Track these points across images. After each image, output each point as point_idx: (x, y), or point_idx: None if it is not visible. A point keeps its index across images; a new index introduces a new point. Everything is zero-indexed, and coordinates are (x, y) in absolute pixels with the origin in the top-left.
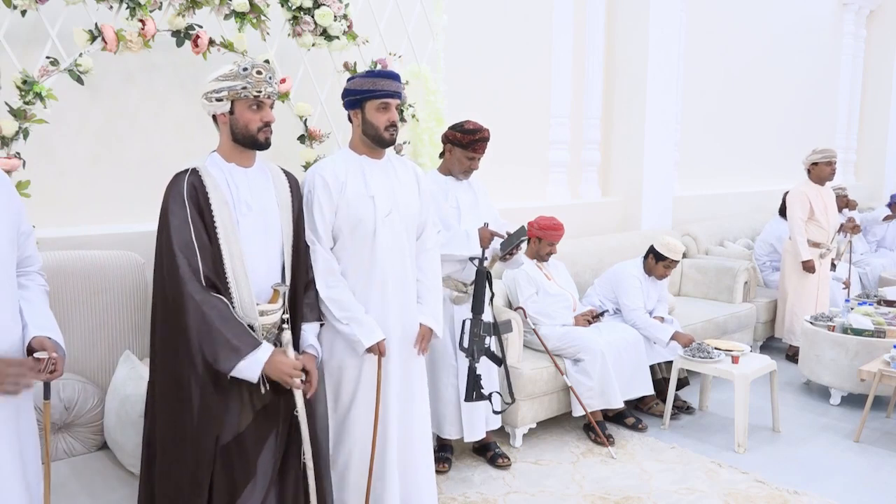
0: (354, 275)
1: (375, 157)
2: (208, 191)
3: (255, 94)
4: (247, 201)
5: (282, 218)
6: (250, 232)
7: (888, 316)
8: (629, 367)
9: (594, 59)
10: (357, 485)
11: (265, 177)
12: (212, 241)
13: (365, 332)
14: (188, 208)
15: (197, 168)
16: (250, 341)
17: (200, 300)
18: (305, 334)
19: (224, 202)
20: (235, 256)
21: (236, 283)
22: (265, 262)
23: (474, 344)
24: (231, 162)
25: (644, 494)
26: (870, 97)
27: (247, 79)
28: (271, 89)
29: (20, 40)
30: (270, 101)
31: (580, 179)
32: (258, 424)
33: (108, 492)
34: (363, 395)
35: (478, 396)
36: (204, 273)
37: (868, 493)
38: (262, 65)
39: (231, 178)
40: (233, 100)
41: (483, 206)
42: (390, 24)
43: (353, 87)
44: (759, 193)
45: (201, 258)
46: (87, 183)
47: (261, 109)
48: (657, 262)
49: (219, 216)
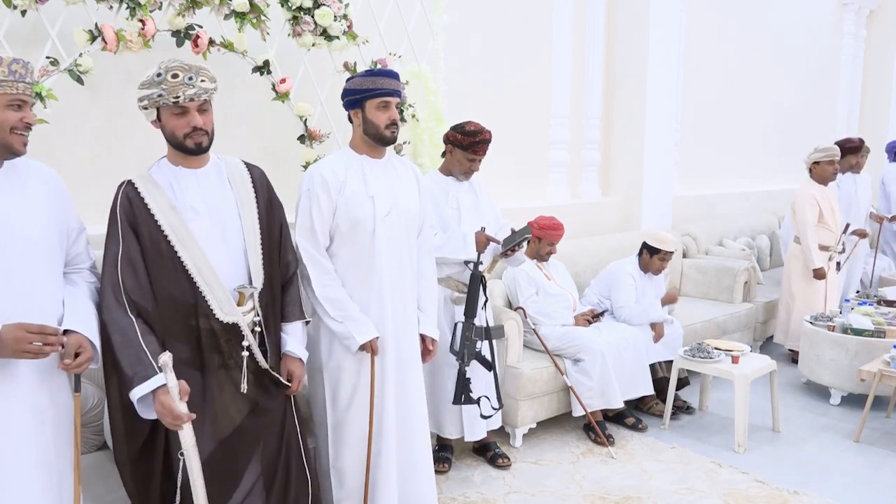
0: (354, 274)
1: (376, 157)
2: (147, 200)
3: (173, 101)
4: (192, 205)
5: (243, 217)
6: (203, 235)
7: (888, 316)
8: (629, 367)
9: (594, 59)
10: (355, 485)
11: (219, 176)
12: (163, 250)
13: (359, 329)
14: (119, 222)
15: (132, 179)
16: (140, 373)
17: (108, 320)
18: (287, 338)
19: (170, 207)
20: (198, 258)
21: (208, 286)
22: (228, 264)
23: (465, 348)
24: (178, 165)
25: (644, 494)
26: (870, 97)
27: (161, 85)
28: (193, 91)
29: (20, 40)
30: (196, 103)
31: (580, 179)
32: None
33: (108, 492)
34: (361, 396)
35: (466, 400)
36: (126, 289)
37: (868, 493)
38: (180, 66)
39: (176, 183)
40: (157, 107)
41: (484, 206)
42: (390, 24)
43: (352, 86)
44: (759, 193)
45: (123, 274)
46: (87, 183)
47: (186, 114)
48: (652, 257)
49: (166, 223)
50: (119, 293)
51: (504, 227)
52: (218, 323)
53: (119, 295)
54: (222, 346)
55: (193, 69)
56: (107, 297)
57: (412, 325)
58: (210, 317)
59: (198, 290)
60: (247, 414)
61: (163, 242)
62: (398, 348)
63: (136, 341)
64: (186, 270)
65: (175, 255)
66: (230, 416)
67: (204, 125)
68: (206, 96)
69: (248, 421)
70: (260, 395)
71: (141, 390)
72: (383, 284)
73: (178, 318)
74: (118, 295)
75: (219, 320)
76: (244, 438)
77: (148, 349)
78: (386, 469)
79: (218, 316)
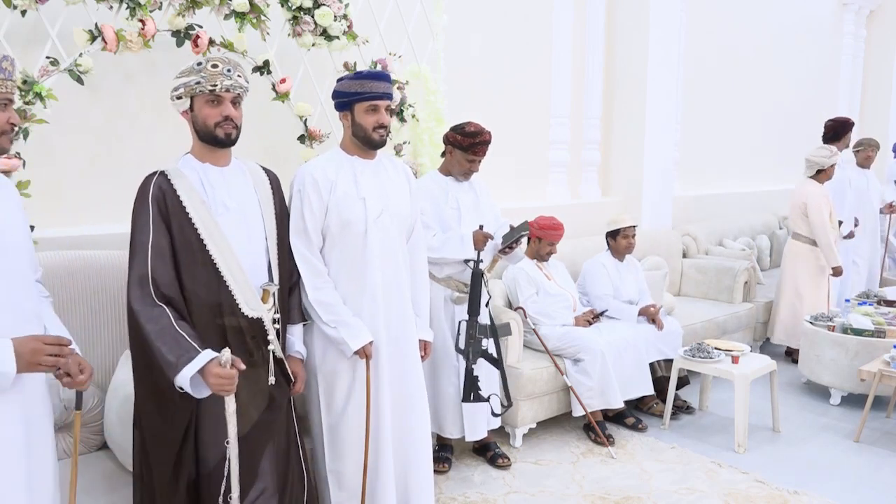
0: (346, 276)
1: (367, 158)
2: (179, 193)
3: (210, 88)
4: (223, 201)
5: (264, 216)
6: (230, 232)
7: (888, 316)
8: (629, 367)
9: (594, 59)
10: (353, 488)
11: (243, 175)
12: (193, 244)
13: (352, 333)
14: (150, 211)
15: (165, 171)
16: (184, 355)
17: (138, 310)
18: (291, 338)
19: (201, 202)
20: (227, 254)
21: (235, 282)
22: (251, 262)
23: (470, 346)
24: (205, 162)
25: (644, 494)
26: (870, 97)
27: (201, 73)
28: (230, 82)
29: (20, 40)
30: (231, 94)
31: (580, 179)
32: (258, 431)
33: (108, 492)
34: (356, 398)
35: (476, 398)
36: (156, 278)
37: (868, 493)
38: (220, 58)
39: (206, 178)
40: (191, 96)
41: (484, 206)
42: (390, 24)
43: (341, 88)
44: (759, 193)
45: (154, 264)
46: (87, 183)
47: (220, 104)
48: (617, 239)
49: (197, 217)
50: (147, 283)
51: (503, 226)
52: (244, 319)
53: (146, 285)
54: (248, 344)
55: (233, 63)
56: (133, 287)
57: (409, 325)
58: (237, 313)
59: (225, 286)
60: (264, 410)
61: (193, 236)
62: (394, 350)
63: (171, 327)
64: (215, 265)
65: (205, 250)
66: (251, 412)
67: (235, 118)
68: (240, 90)
69: (265, 416)
70: (275, 390)
71: (190, 369)
72: (376, 286)
73: (204, 319)
74: (145, 285)
75: (245, 316)
76: (261, 435)
77: (185, 333)
78: (385, 472)
79: (245, 311)
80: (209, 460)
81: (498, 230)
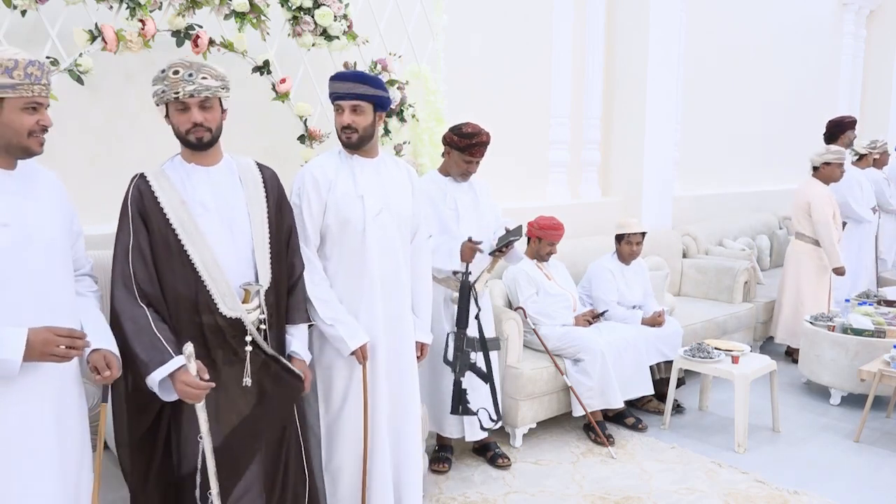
0: (345, 275)
1: (367, 157)
2: (157, 194)
3: (173, 96)
4: (202, 201)
5: (252, 216)
6: (210, 231)
7: (888, 316)
8: (629, 367)
9: (594, 59)
10: (350, 486)
11: (231, 174)
12: (171, 244)
13: (349, 333)
14: (129, 214)
15: (144, 173)
16: (157, 358)
17: (119, 310)
18: (291, 339)
19: (181, 202)
20: (205, 253)
21: (213, 281)
22: (233, 262)
23: (458, 359)
24: (191, 162)
25: (644, 494)
26: (870, 97)
27: (164, 81)
28: (192, 87)
29: (20, 40)
30: (196, 99)
31: (580, 179)
32: (241, 430)
33: (108, 492)
34: (353, 396)
35: (464, 411)
36: (137, 279)
37: (868, 493)
38: (182, 63)
39: (188, 179)
40: (165, 103)
41: (484, 206)
42: (390, 24)
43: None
44: (758, 193)
45: (135, 265)
46: (87, 183)
47: (187, 110)
48: (622, 244)
49: (174, 217)
50: (130, 283)
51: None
52: (223, 318)
53: (130, 285)
54: (229, 342)
55: (195, 66)
56: (117, 288)
57: (407, 326)
58: (214, 312)
59: (202, 285)
60: (255, 404)
61: (171, 236)
62: (391, 350)
63: (148, 329)
64: (192, 265)
65: (182, 250)
66: (238, 409)
67: (205, 121)
68: (207, 93)
69: (256, 411)
70: (268, 383)
71: (160, 373)
72: (374, 285)
73: (183, 315)
74: (129, 285)
75: (223, 315)
76: (248, 432)
77: (161, 336)
78: (381, 472)
79: (222, 311)
80: (189, 457)
81: (496, 232)
